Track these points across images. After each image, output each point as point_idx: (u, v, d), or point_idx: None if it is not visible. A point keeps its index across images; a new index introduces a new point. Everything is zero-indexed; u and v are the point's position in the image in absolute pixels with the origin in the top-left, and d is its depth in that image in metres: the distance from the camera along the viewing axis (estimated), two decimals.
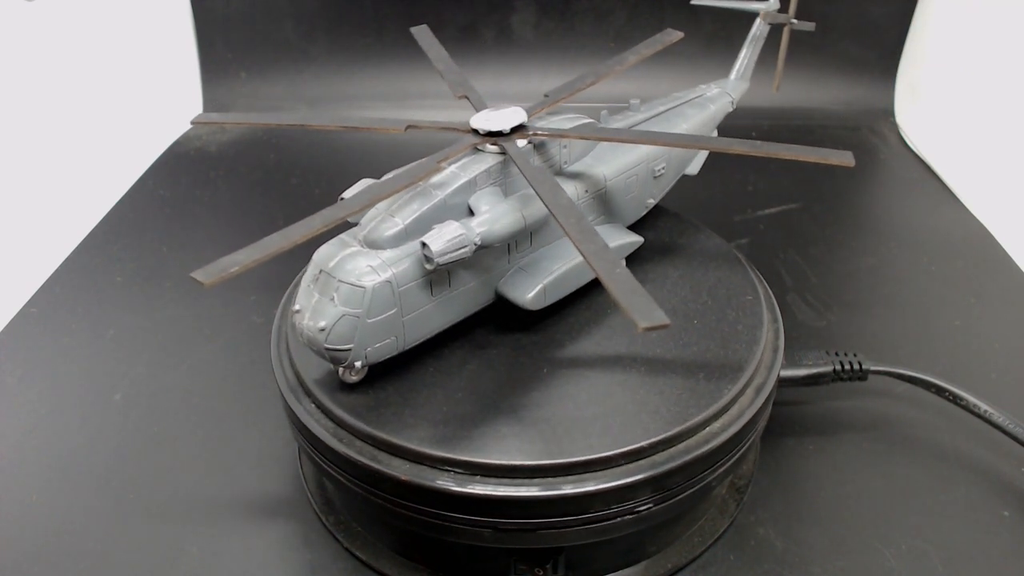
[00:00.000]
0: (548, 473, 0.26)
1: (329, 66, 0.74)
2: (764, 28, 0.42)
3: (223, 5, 0.73)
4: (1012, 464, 0.36)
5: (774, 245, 0.53)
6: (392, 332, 0.28)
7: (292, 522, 0.34)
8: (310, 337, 0.27)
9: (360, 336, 0.27)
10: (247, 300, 0.47)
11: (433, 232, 0.27)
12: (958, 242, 0.53)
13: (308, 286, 0.28)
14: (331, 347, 0.27)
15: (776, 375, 0.31)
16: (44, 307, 0.48)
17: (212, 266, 0.22)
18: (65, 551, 0.33)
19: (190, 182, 0.62)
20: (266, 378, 0.33)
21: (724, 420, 0.28)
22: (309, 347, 0.28)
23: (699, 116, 0.38)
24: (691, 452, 0.27)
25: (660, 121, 0.36)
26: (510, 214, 0.28)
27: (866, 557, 0.32)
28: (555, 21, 0.74)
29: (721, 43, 0.73)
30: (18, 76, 0.64)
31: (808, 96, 0.73)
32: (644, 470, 0.26)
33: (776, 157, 0.28)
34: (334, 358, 0.27)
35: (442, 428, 0.27)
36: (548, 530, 0.27)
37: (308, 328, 0.27)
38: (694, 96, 0.39)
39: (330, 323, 0.26)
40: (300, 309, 0.27)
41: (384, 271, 0.27)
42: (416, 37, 0.37)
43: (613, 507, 0.27)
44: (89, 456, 0.37)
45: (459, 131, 0.30)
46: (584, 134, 0.31)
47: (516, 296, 0.30)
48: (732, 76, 0.42)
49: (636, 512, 0.27)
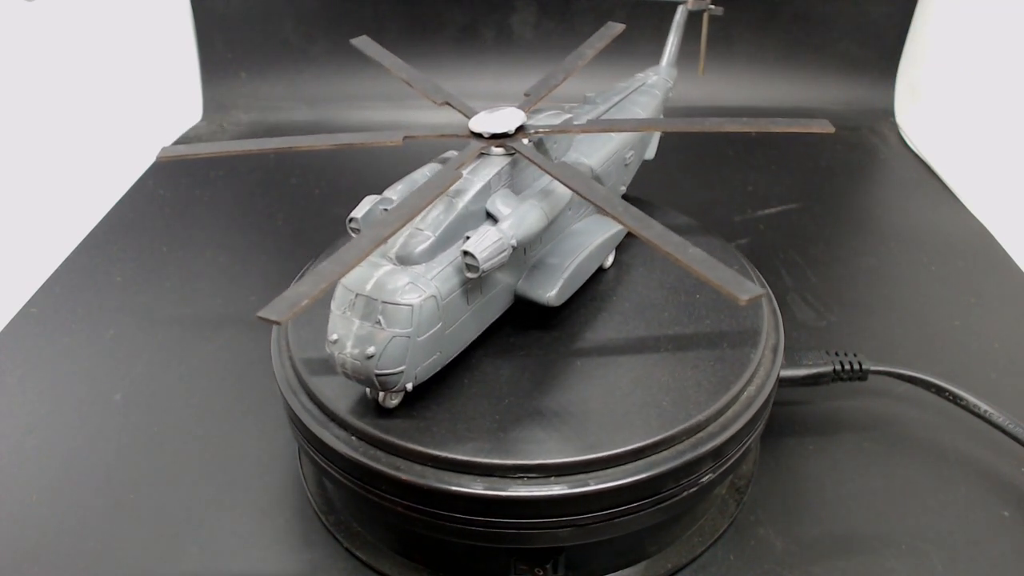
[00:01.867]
0: (548, 473, 0.26)
1: (329, 66, 0.74)
2: (684, 14, 0.43)
3: (223, 5, 0.73)
4: (1012, 464, 0.36)
5: (774, 245, 0.53)
6: (437, 347, 0.27)
7: (292, 522, 0.34)
8: (355, 366, 0.26)
9: (411, 356, 0.26)
10: (247, 300, 0.47)
11: (473, 240, 0.26)
12: (958, 242, 0.53)
13: (343, 313, 0.26)
14: (382, 372, 0.25)
15: (776, 375, 0.31)
16: (44, 307, 0.48)
17: (280, 302, 0.21)
18: (65, 551, 0.33)
19: (190, 182, 0.62)
20: (266, 378, 0.33)
21: (724, 420, 0.28)
22: (352, 377, 0.26)
23: (652, 103, 0.38)
24: (691, 452, 0.27)
25: (620, 110, 0.36)
26: (534, 212, 0.28)
27: (866, 557, 0.32)
28: (555, 21, 0.74)
29: (720, 43, 0.73)
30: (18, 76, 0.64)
31: (808, 96, 0.73)
32: (644, 470, 0.26)
33: (763, 131, 0.29)
34: (384, 384, 0.26)
35: (442, 428, 0.27)
36: (548, 530, 0.27)
37: (353, 357, 0.25)
38: (639, 84, 0.39)
39: (380, 348, 0.25)
40: (338, 339, 0.26)
41: (427, 286, 0.26)
42: (361, 48, 0.35)
43: (613, 507, 0.27)
44: (89, 456, 0.37)
45: (459, 137, 0.30)
46: (587, 127, 0.31)
47: (539, 295, 0.30)
48: (664, 63, 0.42)
49: (636, 512, 0.27)
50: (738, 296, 0.22)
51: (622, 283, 0.34)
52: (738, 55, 0.73)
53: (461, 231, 0.27)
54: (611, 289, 0.34)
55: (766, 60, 0.74)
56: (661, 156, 0.40)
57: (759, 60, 0.73)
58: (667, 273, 0.34)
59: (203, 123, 0.72)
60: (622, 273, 0.35)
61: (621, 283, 0.34)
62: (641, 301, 0.33)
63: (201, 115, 0.73)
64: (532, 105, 0.32)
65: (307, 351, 0.31)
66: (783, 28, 0.73)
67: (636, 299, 0.33)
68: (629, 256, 0.35)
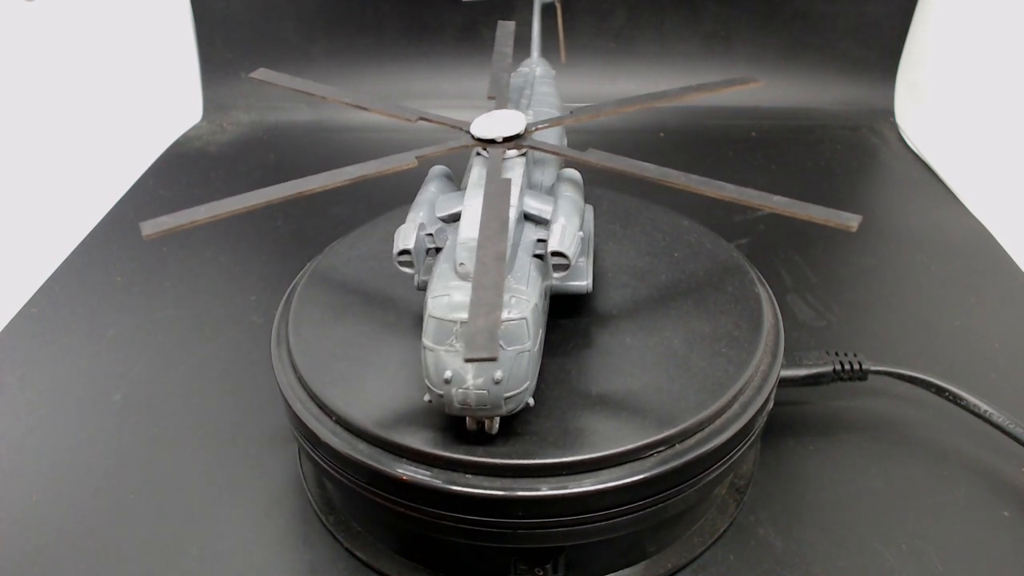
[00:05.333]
0: (548, 472, 0.26)
1: (329, 66, 0.74)
2: (539, 5, 0.43)
3: (223, 5, 0.73)
4: (1012, 464, 0.36)
5: (774, 245, 0.53)
6: (540, 355, 0.26)
7: (292, 522, 0.34)
8: (481, 397, 0.24)
9: (532, 369, 0.25)
10: (247, 300, 0.47)
11: (555, 239, 0.26)
12: (958, 242, 0.53)
13: (450, 346, 0.24)
14: (511, 394, 0.24)
15: (776, 375, 0.31)
16: (44, 307, 0.48)
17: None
18: (65, 551, 0.33)
19: (190, 182, 0.62)
20: (266, 378, 0.33)
21: (724, 420, 0.28)
22: (475, 411, 0.24)
23: (553, 91, 0.38)
24: (691, 452, 0.27)
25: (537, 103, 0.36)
26: (576, 201, 0.28)
27: (866, 557, 0.32)
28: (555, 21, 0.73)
29: (720, 43, 0.73)
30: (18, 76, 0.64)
31: (808, 96, 0.73)
32: (644, 470, 0.26)
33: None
34: (512, 406, 0.25)
35: (442, 428, 0.27)
36: (548, 530, 0.27)
37: (477, 388, 0.24)
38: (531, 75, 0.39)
39: (507, 369, 0.24)
40: (453, 375, 0.24)
41: (526, 295, 0.25)
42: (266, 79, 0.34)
43: (613, 507, 0.27)
44: (89, 456, 0.37)
45: (468, 147, 0.30)
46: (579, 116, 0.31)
47: (576, 287, 0.30)
48: (535, 54, 0.42)
49: (636, 512, 0.27)
50: (847, 224, 0.23)
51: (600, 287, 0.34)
52: (738, 55, 0.73)
53: (518, 237, 0.27)
54: (595, 291, 0.34)
55: (766, 60, 0.73)
56: (661, 156, 0.40)
57: (759, 60, 0.73)
58: (674, 293, 0.34)
59: (203, 123, 0.72)
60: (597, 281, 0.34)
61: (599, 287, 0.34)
62: (635, 301, 0.33)
63: (201, 115, 0.73)
64: (505, 105, 0.31)
65: (307, 351, 0.31)
66: (783, 28, 0.72)
67: (627, 302, 0.33)
68: (641, 273, 0.35)
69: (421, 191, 0.30)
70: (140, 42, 0.72)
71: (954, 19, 0.67)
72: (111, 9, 0.70)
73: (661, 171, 0.28)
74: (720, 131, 0.69)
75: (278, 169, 0.64)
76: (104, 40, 0.70)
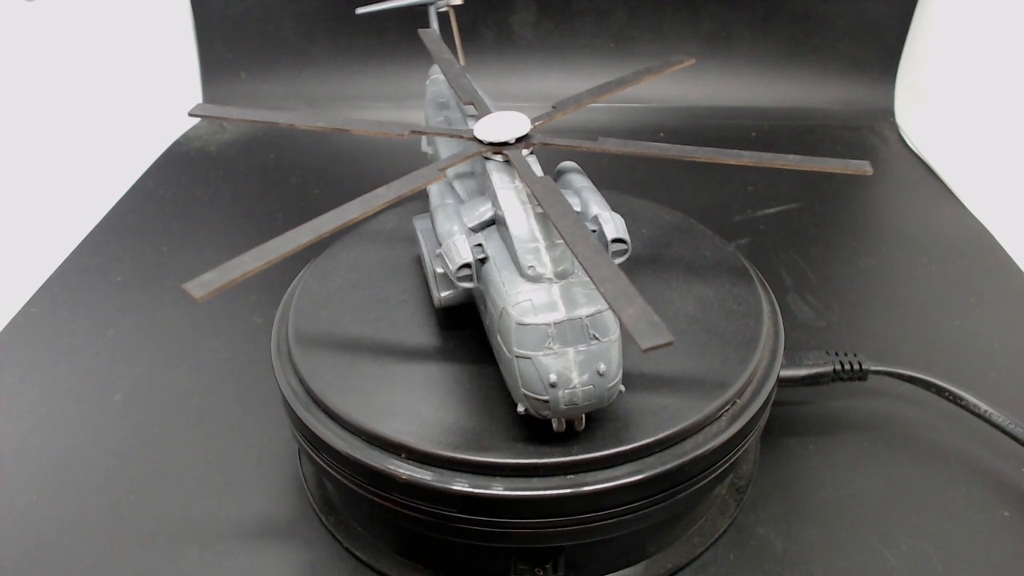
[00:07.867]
0: (548, 472, 0.26)
1: (329, 66, 0.74)
2: (434, 15, 0.45)
3: (223, 5, 0.73)
4: (1012, 464, 0.36)
5: (774, 245, 0.53)
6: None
7: (292, 522, 0.34)
8: (588, 392, 0.24)
9: (621, 357, 0.25)
10: (247, 300, 0.47)
11: (610, 228, 0.27)
12: (958, 242, 0.53)
13: (548, 348, 0.24)
14: (613, 384, 0.25)
15: (776, 375, 0.31)
16: (44, 307, 0.48)
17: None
18: (65, 551, 0.33)
19: (190, 182, 0.62)
20: (266, 378, 0.33)
21: (724, 420, 0.28)
22: (582, 408, 0.25)
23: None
24: (691, 452, 0.27)
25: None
26: (596, 192, 0.29)
27: (866, 557, 0.32)
28: (555, 21, 0.74)
29: (720, 43, 0.73)
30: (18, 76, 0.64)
31: (808, 96, 0.73)
32: (644, 470, 0.26)
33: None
34: (613, 396, 0.25)
35: (442, 428, 0.27)
36: (548, 530, 0.27)
37: (583, 384, 0.24)
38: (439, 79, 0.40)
39: (608, 360, 0.24)
40: (558, 377, 0.24)
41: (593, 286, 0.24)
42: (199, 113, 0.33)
43: (613, 507, 0.27)
44: (89, 456, 0.37)
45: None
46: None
47: None
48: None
49: (636, 512, 0.27)
50: (862, 170, 0.25)
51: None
52: (738, 55, 0.73)
53: None
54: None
55: (766, 60, 0.73)
56: None
57: (759, 60, 0.73)
58: (674, 293, 0.34)
59: (203, 123, 0.72)
60: None
61: None
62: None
63: None
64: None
65: (307, 351, 0.31)
66: (783, 28, 0.73)
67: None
68: (641, 273, 0.35)
69: (437, 200, 0.30)
70: (140, 42, 0.72)
71: (954, 19, 0.67)
72: (111, 9, 0.70)
73: (679, 148, 0.28)
74: (720, 131, 0.69)
75: (278, 169, 0.64)
76: (104, 40, 0.70)
